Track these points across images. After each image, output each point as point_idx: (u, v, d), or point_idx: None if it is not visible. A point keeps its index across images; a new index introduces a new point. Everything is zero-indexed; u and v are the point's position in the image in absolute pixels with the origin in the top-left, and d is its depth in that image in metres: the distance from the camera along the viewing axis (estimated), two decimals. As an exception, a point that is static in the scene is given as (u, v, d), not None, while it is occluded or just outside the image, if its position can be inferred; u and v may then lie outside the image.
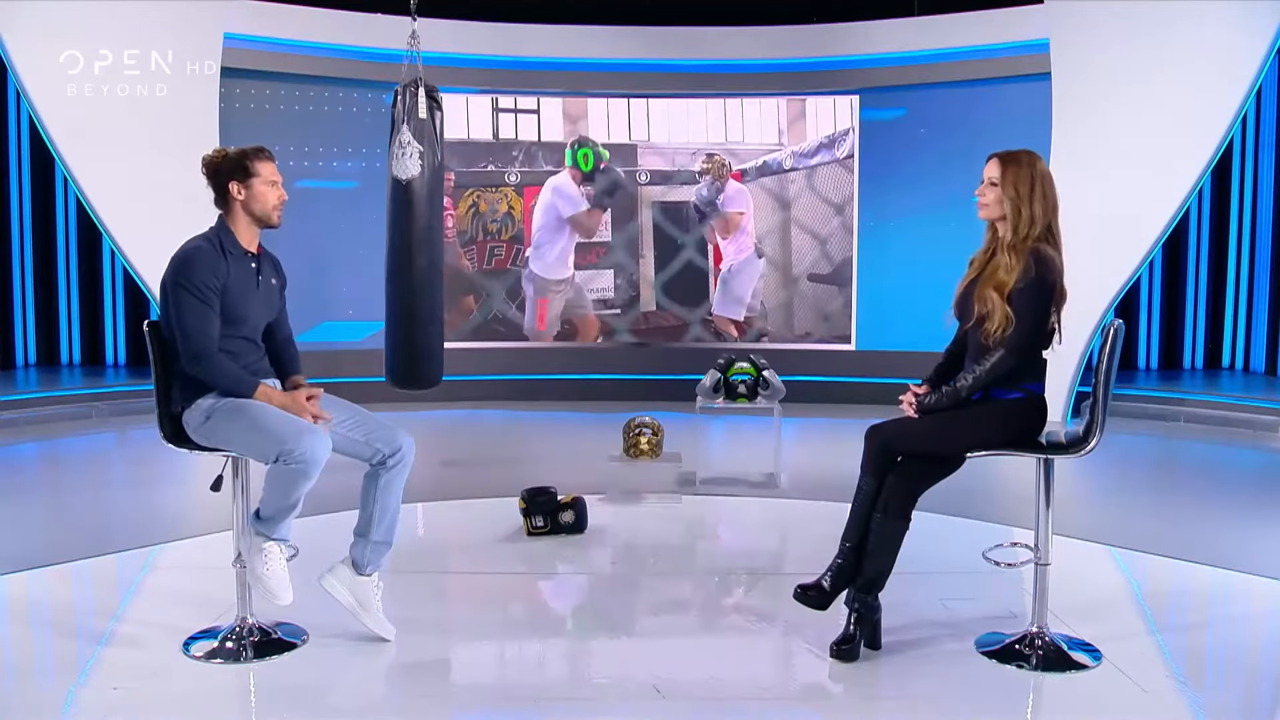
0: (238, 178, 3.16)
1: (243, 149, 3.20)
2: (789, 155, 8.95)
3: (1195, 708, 2.86)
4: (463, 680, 3.08)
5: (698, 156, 8.97)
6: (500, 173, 8.86)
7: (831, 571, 3.17)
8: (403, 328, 5.76)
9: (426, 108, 5.57)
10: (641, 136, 8.92)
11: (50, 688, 2.96)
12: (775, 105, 8.83)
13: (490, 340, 8.82)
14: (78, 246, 9.06)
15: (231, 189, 3.16)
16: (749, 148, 8.93)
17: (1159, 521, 4.90)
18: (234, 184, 3.16)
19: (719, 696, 2.91)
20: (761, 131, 8.89)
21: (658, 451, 5.43)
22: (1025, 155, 3.12)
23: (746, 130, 8.93)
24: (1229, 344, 9.03)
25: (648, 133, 8.94)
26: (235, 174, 3.16)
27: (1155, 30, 7.28)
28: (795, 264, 8.94)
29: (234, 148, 3.22)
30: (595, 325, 9.03)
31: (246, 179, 3.16)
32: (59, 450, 6.81)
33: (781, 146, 8.94)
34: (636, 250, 8.98)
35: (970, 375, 3.06)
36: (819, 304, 8.90)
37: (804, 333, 8.87)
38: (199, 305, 3.03)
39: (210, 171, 3.18)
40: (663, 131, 8.97)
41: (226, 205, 3.19)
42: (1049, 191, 3.08)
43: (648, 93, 8.79)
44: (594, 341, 9.00)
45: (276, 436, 2.96)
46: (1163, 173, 7.30)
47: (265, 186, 3.18)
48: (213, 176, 3.18)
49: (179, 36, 7.72)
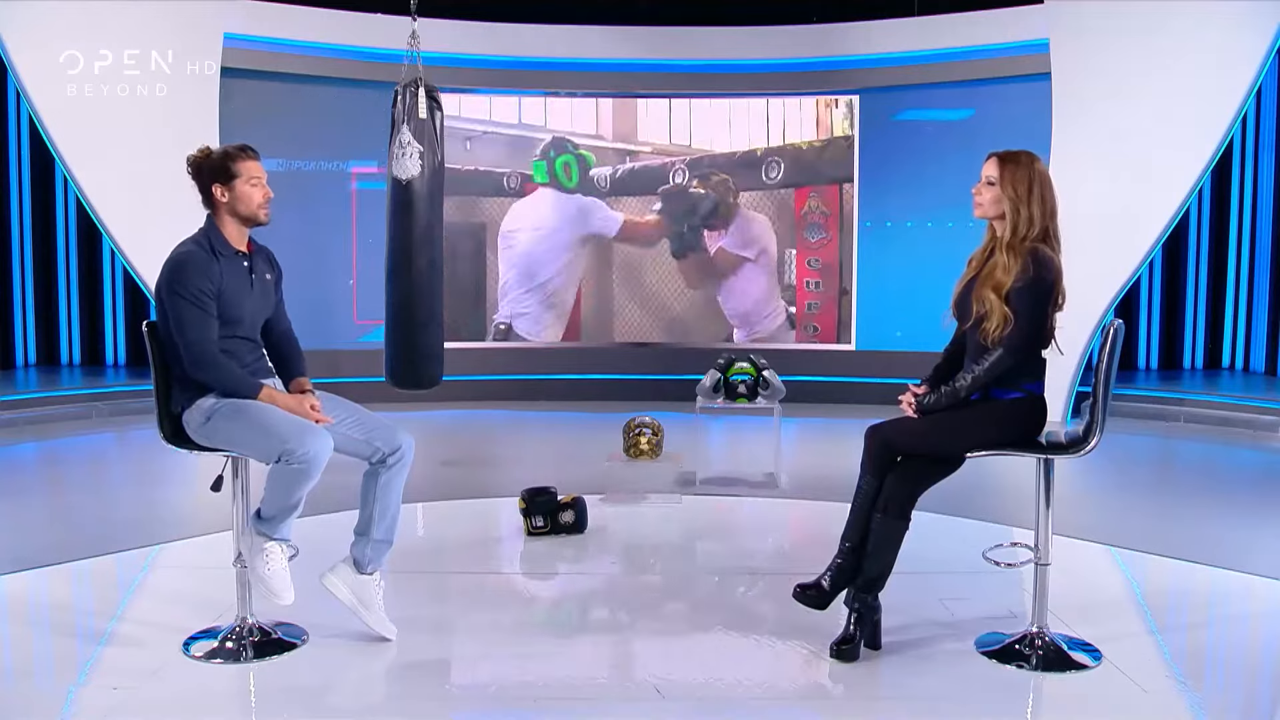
0: (220, 180, 3.11)
1: (225, 149, 3.16)
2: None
3: (1195, 708, 2.86)
4: (463, 680, 3.08)
5: (674, 165, 8.78)
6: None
7: (831, 571, 3.17)
8: (402, 328, 5.76)
9: (426, 108, 5.57)
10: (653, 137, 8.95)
11: (50, 688, 2.96)
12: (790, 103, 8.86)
13: (490, 340, 8.82)
14: (78, 246, 9.07)
15: (215, 192, 3.13)
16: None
17: (1159, 521, 4.90)
18: (217, 186, 3.12)
19: (719, 696, 2.91)
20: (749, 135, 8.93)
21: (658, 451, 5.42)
22: (1025, 155, 3.11)
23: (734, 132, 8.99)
24: (1229, 344, 9.03)
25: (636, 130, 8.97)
26: (218, 176, 3.11)
27: (1155, 30, 7.28)
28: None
29: (220, 149, 3.18)
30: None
31: (229, 181, 3.12)
32: (59, 450, 6.81)
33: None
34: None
35: (969, 375, 3.06)
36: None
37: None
38: (196, 312, 3.03)
39: (194, 173, 3.14)
40: (661, 132, 8.97)
41: (213, 207, 3.17)
42: (1048, 193, 3.08)
43: (648, 93, 8.79)
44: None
45: (278, 436, 2.96)
46: (1163, 173, 7.30)
47: (248, 187, 3.13)
48: (196, 178, 3.14)
49: (179, 36, 7.72)
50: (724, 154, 8.91)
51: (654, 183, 8.91)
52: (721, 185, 8.88)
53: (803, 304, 8.92)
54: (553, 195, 8.86)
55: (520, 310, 8.87)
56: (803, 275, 8.92)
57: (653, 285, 8.99)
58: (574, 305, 8.96)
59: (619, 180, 8.91)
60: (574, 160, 8.79)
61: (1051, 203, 3.08)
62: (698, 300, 8.99)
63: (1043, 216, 3.06)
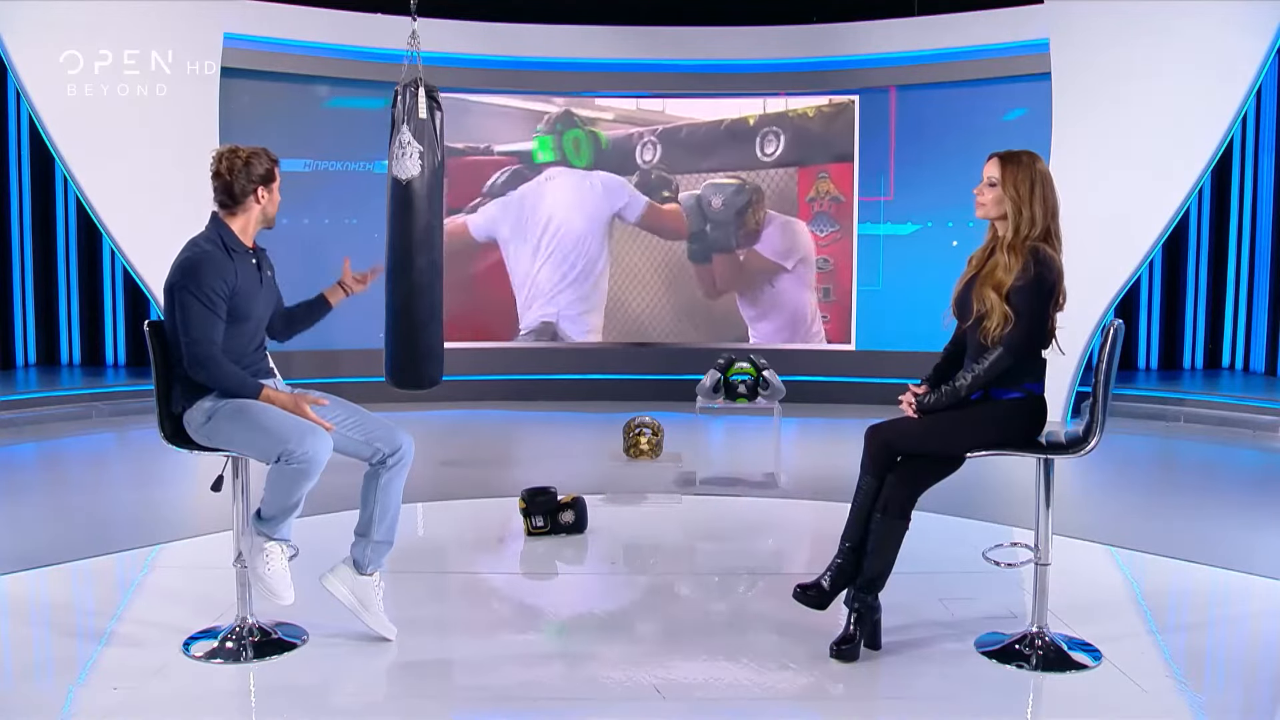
0: (266, 183, 3.18)
1: (268, 154, 3.21)
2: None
3: (1195, 708, 2.86)
4: (463, 680, 3.08)
5: (644, 138, 7.44)
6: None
7: (831, 571, 3.17)
8: (402, 328, 5.77)
9: (426, 108, 5.58)
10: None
11: (50, 688, 2.96)
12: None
13: (490, 340, 8.82)
14: (78, 246, 9.07)
15: (258, 193, 3.17)
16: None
17: (1159, 521, 4.90)
18: (260, 189, 3.17)
19: (719, 697, 2.91)
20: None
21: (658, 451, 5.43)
22: (1026, 155, 3.11)
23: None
24: (1229, 344, 9.03)
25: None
26: (265, 180, 3.18)
27: (1155, 30, 7.28)
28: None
29: (254, 149, 3.19)
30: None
31: (270, 184, 3.20)
32: (59, 450, 6.81)
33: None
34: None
35: (969, 374, 3.06)
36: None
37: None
38: (205, 312, 3.03)
39: (241, 172, 3.13)
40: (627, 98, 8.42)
41: (240, 207, 3.17)
42: (1049, 193, 3.08)
43: (648, 93, 8.79)
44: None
45: (278, 436, 2.96)
46: (1163, 173, 7.30)
47: (278, 190, 3.24)
48: (235, 177, 3.13)
49: (179, 36, 7.72)
50: (707, 123, 7.60)
51: (618, 159, 7.68)
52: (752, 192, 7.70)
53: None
54: (571, 174, 7.94)
55: (566, 310, 8.20)
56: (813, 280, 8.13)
57: (666, 284, 8.45)
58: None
59: (603, 154, 7.76)
60: (585, 136, 7.89)
61: (1053, 202, 3.09)
62: (715, 304, 8.44)
63: (1045, 216, 3.06)
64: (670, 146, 7.82)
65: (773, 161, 7.77)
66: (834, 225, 7.74)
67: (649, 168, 7.91)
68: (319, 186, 8.31)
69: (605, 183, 8.18)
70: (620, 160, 8.01)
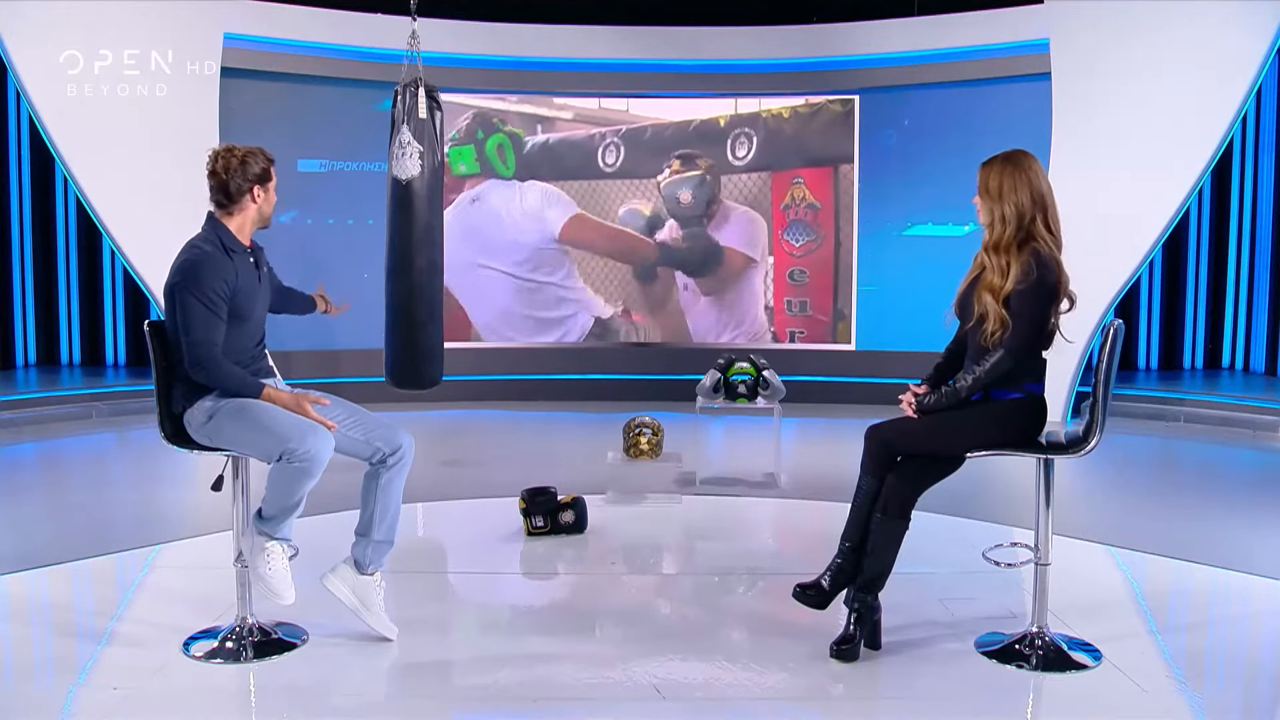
0: (262, 182, 3.19)
1: (261, 152, 3.21)
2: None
3: (1195, 707, 2.86)
4: (463, 680, 3.08)
5: (605, 139, 6.87)
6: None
7: (831, 571, 3.17)
8: (402, 327, 5.77)
9: (426, 108, 5.58)
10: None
11: (50, 688, 2.96)
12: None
13: (490, 340, 8.82)
14: (78, 246, 9.06)
15: (254, 193, 3.18)
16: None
17: (1159, 521, 4.90)
18: (257, 188, 3.18)
19: (719, 696, 2.91)
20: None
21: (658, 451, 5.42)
22: (999, 156, 3.10)
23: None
24: (1229, 344, 9.03)
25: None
26: (261, 179, 3.19)
27: (1155, 30, 7.29)
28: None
29: (250, 149, 3.20)
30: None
31: (266, 184, 3.21)
32: (59, 450, 6.81)
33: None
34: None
35: (970, 375, 3.05)
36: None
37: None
38: (206, 313, 3.03)
39: (236, 172, 3.15)
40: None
41: (237, 206, 3.17)
42: (1021, 189, 3.02)
43: (648, 93, 8.79)
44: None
45: (280, 436, 2.96)
46: (1162, 173, 7.30)
47: (274, 190, 3.24)
48: (230, 177, 3.14)
49: (179, 36, 7.72)
50: (674, 124, 7.06)
51: (577, 161, 6.97)
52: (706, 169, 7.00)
53: (782, 330, 7.53)
54: (500, 186, 7.09)
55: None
56: (781, 293, 7.48)
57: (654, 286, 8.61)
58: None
59: (527, 158, 6.97)
60: (507, 141, 7.20)
61: (1028, 198, 3.02)
62: (704, 303, 8.43)
63: (1018, 214, 3.02)
64: (634, 149, 7.31)
65: (744, 166, 7.36)
66: (810, 234, 7.37)
67: (610, 169, 7.45)
68: (319, 186, 8.31)
69: (543, 193, 7.58)
70: (580, 163, 7.32)
